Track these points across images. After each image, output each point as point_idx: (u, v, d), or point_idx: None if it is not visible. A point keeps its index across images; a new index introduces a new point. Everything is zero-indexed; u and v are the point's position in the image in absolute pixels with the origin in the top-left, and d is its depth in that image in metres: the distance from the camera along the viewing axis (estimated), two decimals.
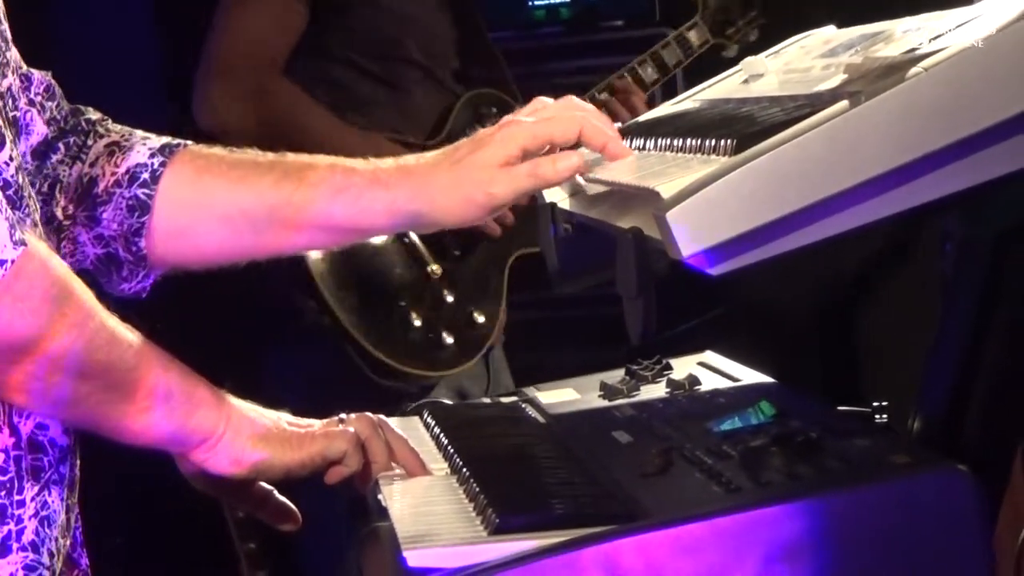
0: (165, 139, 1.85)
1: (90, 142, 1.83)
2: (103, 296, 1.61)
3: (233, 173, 1.81)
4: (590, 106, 1.82)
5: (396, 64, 3.26)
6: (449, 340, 3.19)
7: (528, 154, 1.73)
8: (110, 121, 1.87)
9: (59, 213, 1.79)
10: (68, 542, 1.68)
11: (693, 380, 2.02)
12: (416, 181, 1.76)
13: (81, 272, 1.75)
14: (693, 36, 3.55)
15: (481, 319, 3.23)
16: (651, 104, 3.24)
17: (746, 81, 1.93)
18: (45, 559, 1.62)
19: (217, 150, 1.85)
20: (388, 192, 1.76)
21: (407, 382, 3.16)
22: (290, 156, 1.83)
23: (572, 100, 1.82)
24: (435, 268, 3.18)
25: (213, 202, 1.81)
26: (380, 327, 3.15)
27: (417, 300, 3.19)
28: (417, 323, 3.16)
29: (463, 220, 1.76)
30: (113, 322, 1.59)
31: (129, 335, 1.60)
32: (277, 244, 1.83)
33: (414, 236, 3.14)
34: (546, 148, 1.74)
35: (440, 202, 1.75)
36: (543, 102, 1.81)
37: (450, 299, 3.21)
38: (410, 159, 1.79)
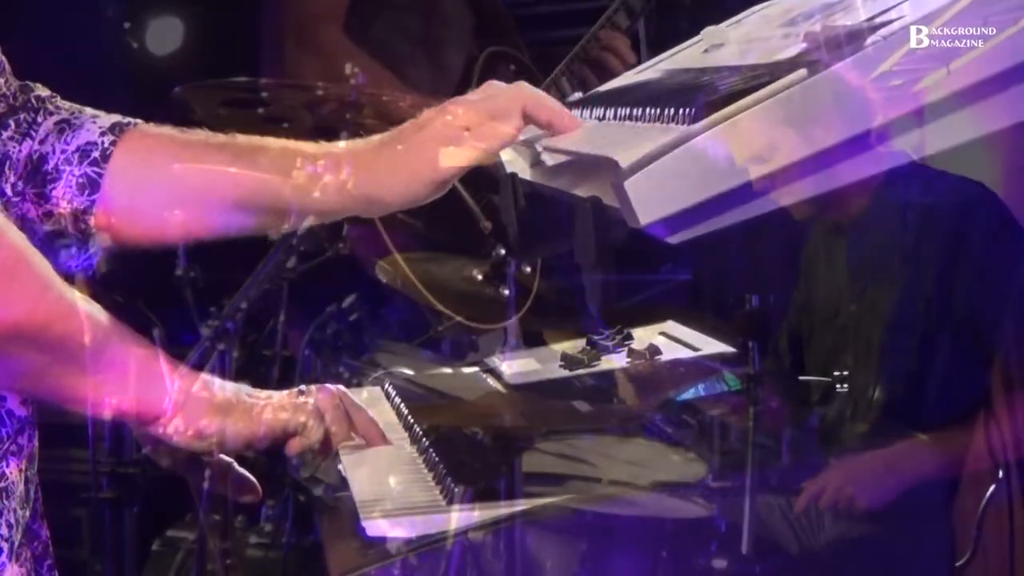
0: (115, 117, 1.83)
1: (40, 119, 1.81)
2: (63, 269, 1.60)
3: (184, 153, 1.80)
4: (540, 91, 1.82)
5: (432, 22, 3.25)
6: None
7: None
8: (59, 98, 1.85)
9: (8, 189, 1.77)
10: (27, 513, 1.67)
11: (654, 350, 2.01)
12: (364, 164, 1.76)
13: None
14: None
15: None
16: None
17: (707, 51, 1.92)
18: (3, 530, 1.61)
19: (167, 129, 1.84)
20: (338, 176, 1.76)
21: None
22: (240, 138, 1.83)
23: (521, 83, 1.82)
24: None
25: (163, 182, 1.80)
26: None
27: None
28: None
29: (414, 199, 1.76)
30: (71, 294, 1.58)
31: (87, 307, 1.59)
32: (227, 225, 1.83)
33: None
34: None
35: (388, 183, 1.75)
36: (493, 84, 1.81)
37: None
38: (359, 143, 1.80)
